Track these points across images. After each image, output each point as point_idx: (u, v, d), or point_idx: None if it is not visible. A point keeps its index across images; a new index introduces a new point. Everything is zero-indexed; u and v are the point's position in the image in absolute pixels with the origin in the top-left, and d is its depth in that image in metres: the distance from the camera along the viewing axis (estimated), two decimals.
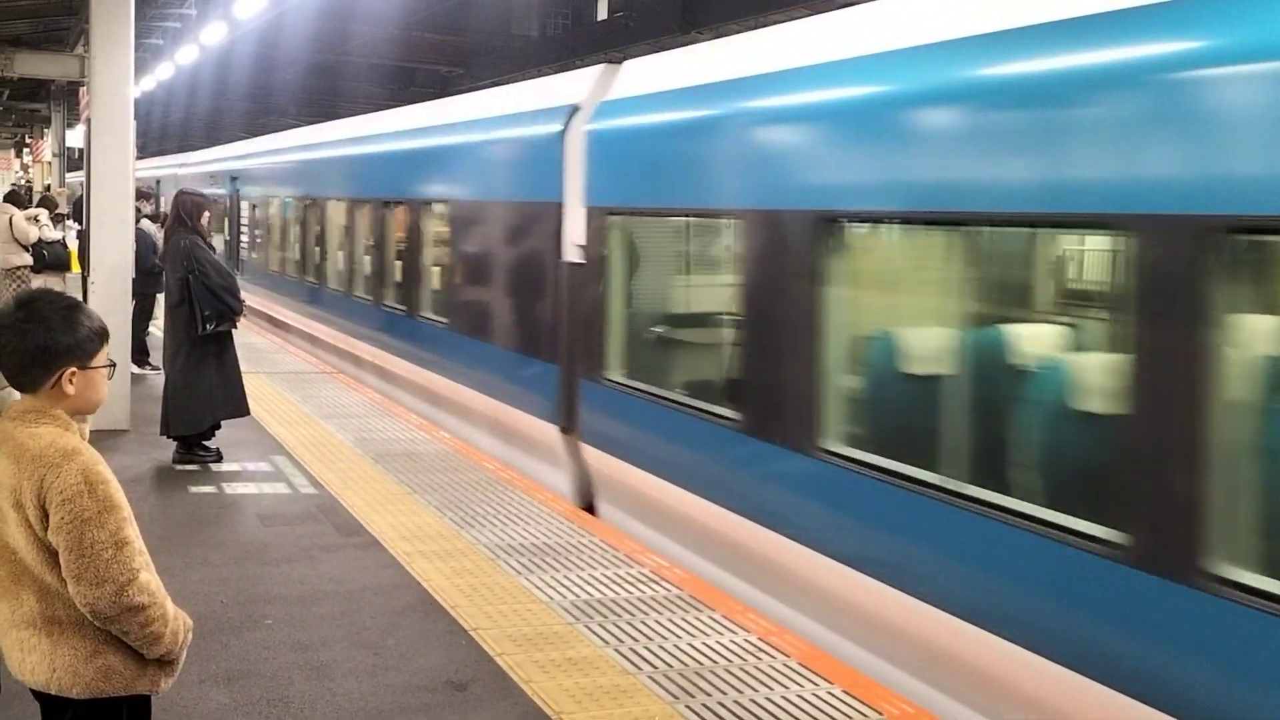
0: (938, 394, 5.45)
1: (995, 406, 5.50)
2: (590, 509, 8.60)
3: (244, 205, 21.46)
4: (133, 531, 3.07)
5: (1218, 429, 4.13)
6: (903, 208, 5.74)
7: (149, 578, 3.08)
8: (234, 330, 9.16)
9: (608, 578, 6.65)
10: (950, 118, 5.51)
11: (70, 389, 3.12)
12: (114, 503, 3.03)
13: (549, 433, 9.13)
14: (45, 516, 2.99)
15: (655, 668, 5.41)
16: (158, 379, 10.61)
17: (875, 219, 6.14)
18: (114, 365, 3.26)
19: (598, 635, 5.79)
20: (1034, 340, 5.88)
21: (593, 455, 8.54)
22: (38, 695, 3.18)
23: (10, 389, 5.16)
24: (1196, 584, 4.14)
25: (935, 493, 5.28)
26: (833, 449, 6.05)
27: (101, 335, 3.20)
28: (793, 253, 6.39)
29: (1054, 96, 4.83)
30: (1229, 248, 4.14)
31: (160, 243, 11.61)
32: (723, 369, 7.50)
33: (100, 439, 3.26)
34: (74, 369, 3.12)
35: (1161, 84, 4.39)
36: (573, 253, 8.76)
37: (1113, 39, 4.65)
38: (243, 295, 9.28)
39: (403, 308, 12.79)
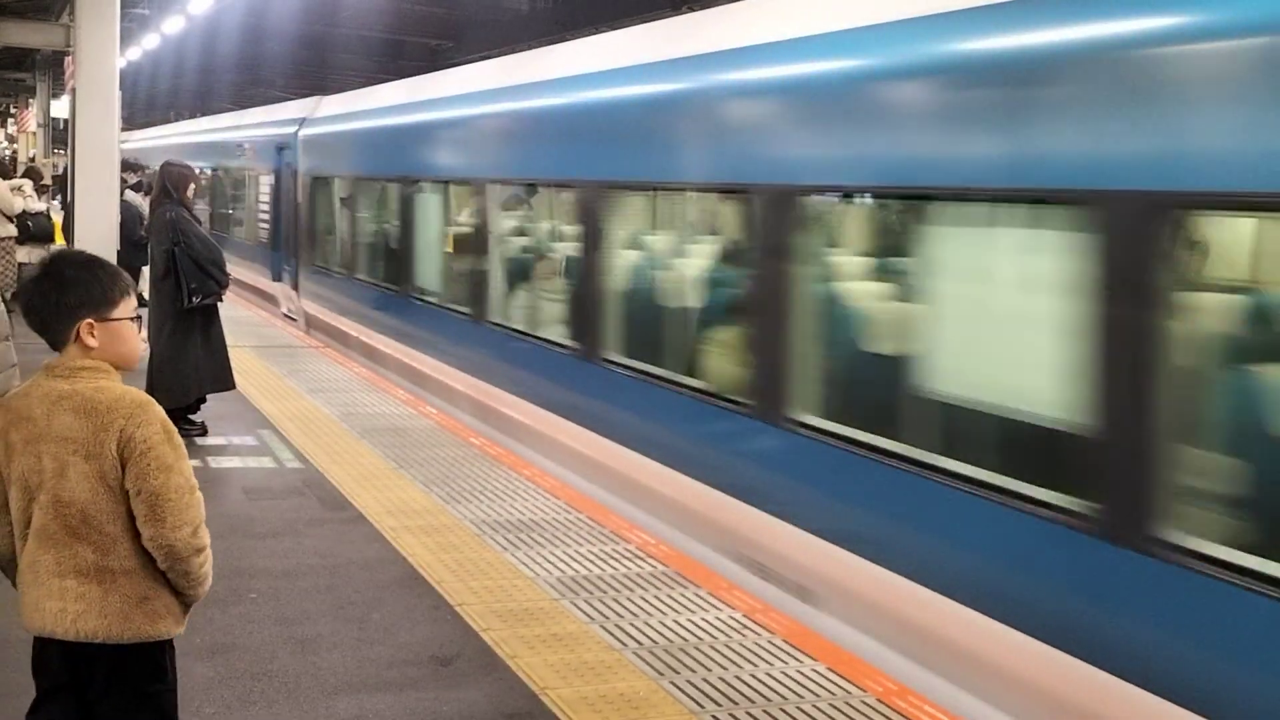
0: None
1: None
2: None
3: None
4: None
5: None
6: None
7: None
8: (220, 303, 9.13)
9: (593, 554, 6.66)
10: None
11: (92, 341, 3.19)
12: (184, 450, 3.22)
13: None
14: (120, 465, 3.10)
15: (640, 644, 5.42)
16: (143, 351, 10.57)
17: None
18: (140, 318, 3.32)
19: (583, 611, 5.79)
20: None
21: None
22: (68, 652, 3.18)
23: (6, 342, 5.25)
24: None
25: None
26: None
27: (121, 288, 3.25)
28: None
29: None
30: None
31: (146, 214, 11.55)
32: None
33: None
34: (90, 320, 3.18)
35: None
36: None
37: None
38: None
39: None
